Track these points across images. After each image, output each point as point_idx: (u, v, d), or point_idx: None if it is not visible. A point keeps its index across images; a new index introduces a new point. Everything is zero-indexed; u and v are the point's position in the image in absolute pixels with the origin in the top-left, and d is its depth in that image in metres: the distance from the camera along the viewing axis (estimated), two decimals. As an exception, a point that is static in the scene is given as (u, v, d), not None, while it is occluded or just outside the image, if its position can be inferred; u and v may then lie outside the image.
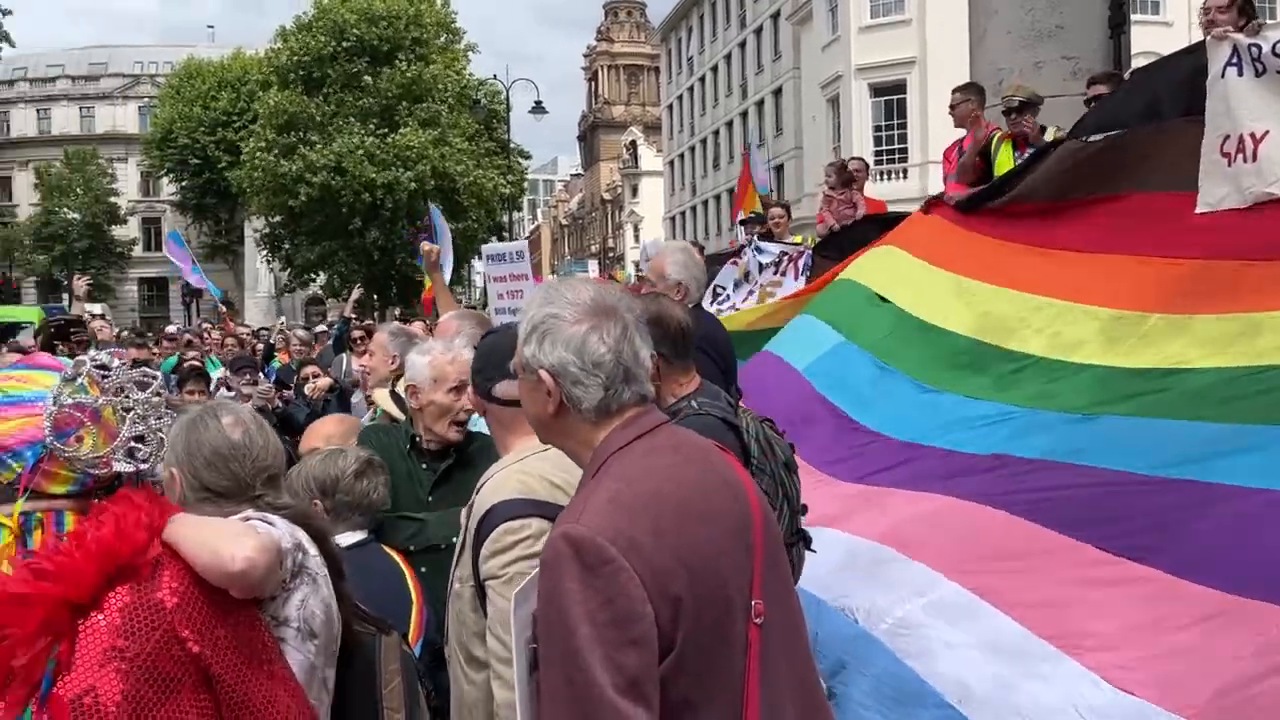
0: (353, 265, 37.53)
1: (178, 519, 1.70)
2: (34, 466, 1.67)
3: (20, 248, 53.67)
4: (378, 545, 2.93)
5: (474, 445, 3.32)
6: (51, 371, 1.76)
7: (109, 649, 1.53)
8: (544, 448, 2.30)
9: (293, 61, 36.98)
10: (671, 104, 61.62)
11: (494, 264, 6.67)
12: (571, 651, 1.50)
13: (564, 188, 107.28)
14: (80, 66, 63.96)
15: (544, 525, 2.12)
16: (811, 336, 4.97)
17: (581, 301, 1.73)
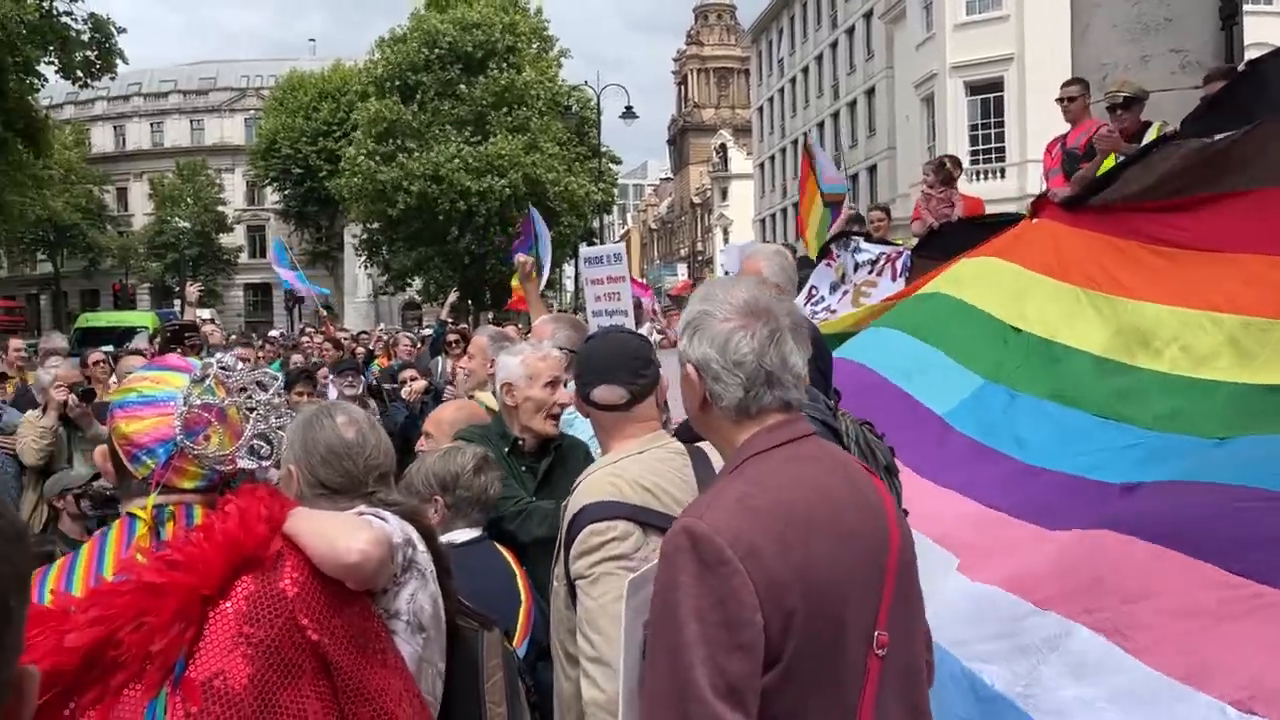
0: (447, 271, 38.28)
1: (297, 512, 1.77)
2: (165, 463, 1.75)
3: (135, 255, 56.18)
4: (491, 543, 2.97)
5: (568, 445, 3.39)
6: (181, 372, 1.83)
7: (236, 635, 1.60)
8: (640, 450, 2.35)
9: (389, 71, 37.92)
10: (762, 106, 61.31)
11: (591, 266, 6.69)
12: (677, 646, 1.50)
13: (653, 192, 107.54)
14: (191, 81, 66.66)
15: (630, 527, 2.16)
16: (921, 361, 4.75)
17: (734, 300, 1.73)
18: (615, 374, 2.43)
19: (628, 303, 6.22)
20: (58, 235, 52.08)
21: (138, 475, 1.76)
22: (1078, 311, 4.27)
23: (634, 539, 2.15)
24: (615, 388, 2.42)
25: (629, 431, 2.41)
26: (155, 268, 55.05)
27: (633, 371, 2.44)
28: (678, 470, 2.32)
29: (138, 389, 1.80)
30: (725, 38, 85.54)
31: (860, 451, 3.09)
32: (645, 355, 2.54)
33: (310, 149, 48.30)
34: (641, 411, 2.45)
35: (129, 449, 1.76)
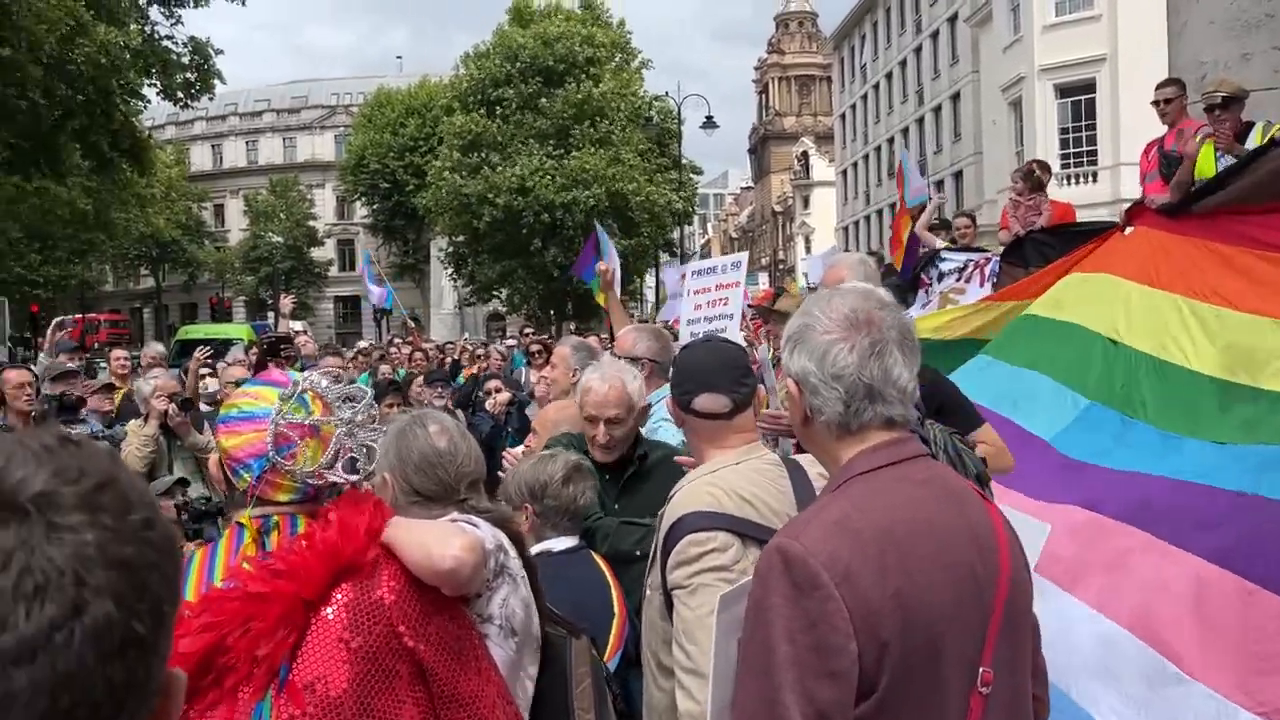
0: (531, 282, 38.72)
1: (393, 521, 1.82)
2: (259, 477, 1.82)
3: (232, 270, 58.14)
4: (588, 553, 2.97)
5: (655, 456, 3.38)
6: (279, 387, 1.91)
7: (336, 641, 1.66)
8: (738, 460, 2.34)
9: (472, 86, 38.60)
10: (844, 113, 60.74)
11: (699, 277, 6.67)
12: (767, 668, 1.47)
13: (734, 200, 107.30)
14: (284, 100, 68.81)
15: (729, 539, 2.13)
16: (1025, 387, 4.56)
17: (836, 312, 1.68)
18: (718, 382, 2.41)
19: (734, 308, 6.17)
20: (159, 251, 54.16)
21: (239, 487, 1.84)
22: (1180, 323, 4.05)
23: (733, 551, 2.12)
24: (718, 396, 2.39)
25: (727, 441, 2.39)
26: (250, 281, 56.89)
27: (734, 380, 2.43)
28: (775, 482, 2.29)
29: (239, 405, 1.88)
30: (806, 45, 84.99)
31: (949, 460, 3.04)
32: (745, 364, 2.53)
33: (397, 164, 49.40)
34: (741, 421, 2.43)
35: (230, 463, 1.85)
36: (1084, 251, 4.96)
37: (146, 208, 41.12)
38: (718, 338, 3.32)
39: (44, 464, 0.67)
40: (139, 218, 40.55)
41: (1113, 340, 4.26)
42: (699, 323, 6.32)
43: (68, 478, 0.67)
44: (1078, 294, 4.68)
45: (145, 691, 0.68)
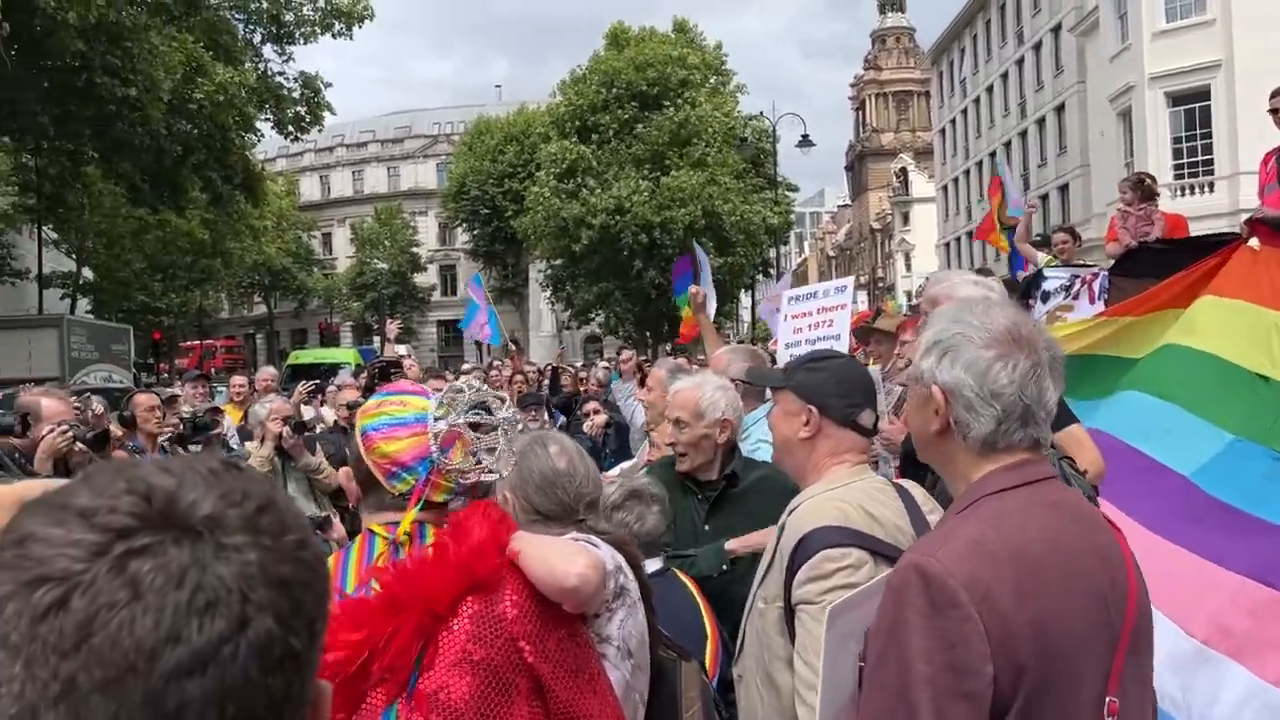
0: (628, 304, 38.98)
1: (519, 536, 1.85)
2: (426, 479, 1.89)
3: (339, 296, 60.04)
4: (674, 574, 2.97)
5: (749, 476, 3.36)
6: (419, 396, 1.98)
7: (461, 652, 1.70)
8: (859, 478, 2.33)
9: (569, 112, 39.17)
10: (944, 128, 59.71)
11: (800, 302, 6.63)
12: (902, 685, 1.46)
13: (830, 219, 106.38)
14: (388, 131, 70.98)
15: (863, 555, 2.12)
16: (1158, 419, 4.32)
17: (995, 327, 1.64)
18: (874, 399, 2.47)
19: (841, 328, 6.12)
20: (271, 279, 56.23)
21: (394, 491, 1.89)
22: None
23: (867, 569, 2.10)
24: (871, 413, 2.43)
25: (849, 458, 2.38)
26: (356, 307, 58.62)
27: (876, 398, 2.50)
28: (893, 501, 2.29)
29: (387, 412, 1.94)
30: (904, 61, 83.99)
31: None
32: None
33: (497, 190, 50.42)
34: (868, 441, 2.48)
35: (390, 467, 1.90)
36: (1208, 265, 4.66)
37: (259, 237, 42.93)
38: (845, 354, 3.29)
39: (212, 488, 0.71)
40: (252, 247, 42.34)
41: (1263, 376, 3.98)
42: (799, 345, 6.25)
43: (232, 500, 0.71)
44: (1216, 322, 4.38)
45: (299, 703, 0.72)
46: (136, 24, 19.01)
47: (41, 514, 0.69)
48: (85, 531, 0.67)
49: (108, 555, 0.66)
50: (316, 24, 24.78)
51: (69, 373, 20.32)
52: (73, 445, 4.66)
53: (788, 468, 2.53)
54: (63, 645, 0.64)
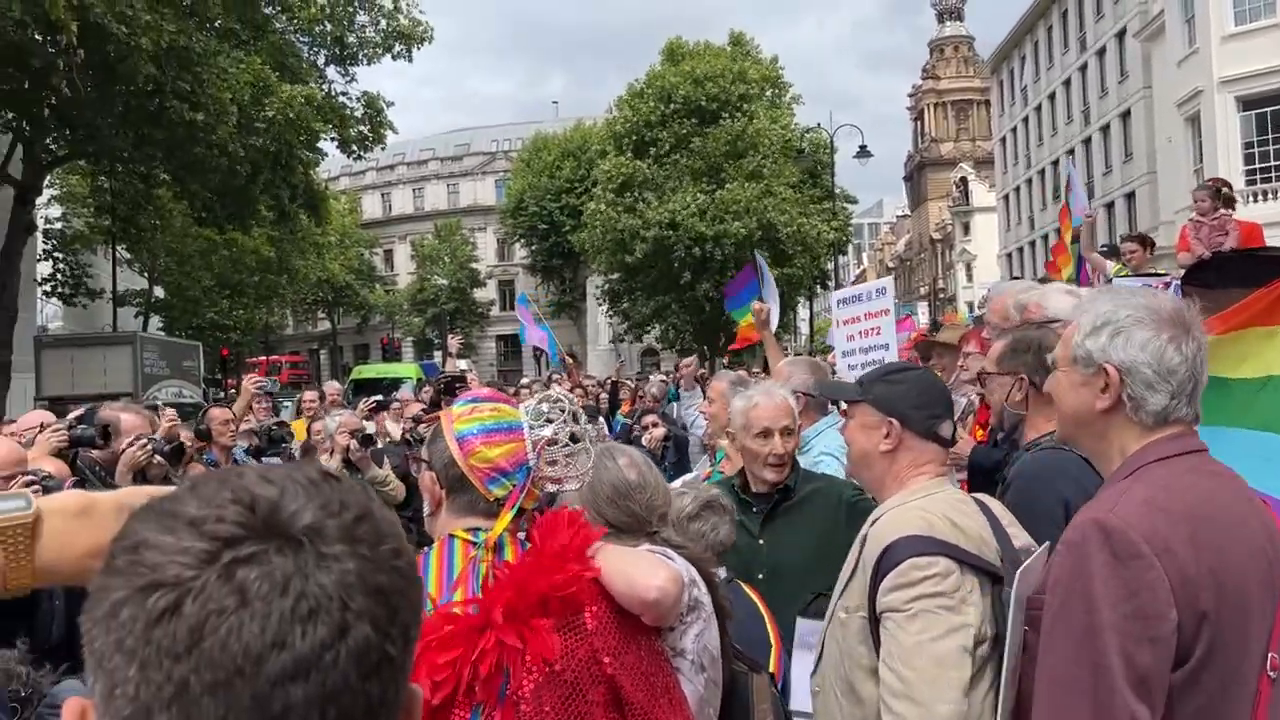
0: (684, 317, 38.98)
1: (599, 548, 1.87)
2: (523, 485, 1.90)
3: (400, 312, 60.92)
4: (739, 584, 2.97)
5: (809, 487, 3.36)
6: (506, 403, 2.01)
7: (542, 662, 1.72)
8: (941, 489, 2.33)
9: (626, 128, 39.35)
10: (1005, 137, 58.89)
11: (845, 306, 6.57)
12: (1090, 630, 1.55)
13: (890, 229, 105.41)
14: (447, 148, 72.01)
15: (951, 565, 2.11)
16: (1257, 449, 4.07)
17: (1162, 310, 1.77)
18: (950, 410, 2.48)
19: (888, 337, 6.05)
20: (334, 295, 57.25)
21: (490, 496, 1.90)
22: None
23: (954, 578, 2.10)
24: (950, 423, 2.44)
25: (930, 469, 2.38)
26: (417, 322, 59.42)
27: (954, 409, 2.52)
28: (975, 513, 2.28)
29: (480, 419, 1.95)
30: (963, 69, 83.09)
31: None
32: None
33: (554, 205, 50.82)
34: (947, 452, 2.49)
35: (490, 472, 1.90)
36: None
37: (323, 254, 43.78)
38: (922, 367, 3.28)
39: (312, 498, 0.73)
40: (316, 264, 43.20)
41: None
42: (854, 354, 6.20)
43: (331, 510, 0.73)
44: None
45: (394, 707, 0.74)
46: (206, 49, 19.56)
47: (152, 521, 0.72)
48: (194, 539, 0.69)
49: (216, 563, 0.68)
50: (379, 45, 25.25)
51: (142, 388, 20.91)
52: (151, 458, 4.81)
53: (866, 481, 2.54)
54: (175, 649, 0.66)
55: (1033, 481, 2.79)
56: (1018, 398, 3.06)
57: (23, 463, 4.11)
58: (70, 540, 0.93)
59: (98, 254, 31.18)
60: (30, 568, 0.90)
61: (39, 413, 5.60)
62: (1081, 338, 1.81)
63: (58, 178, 27.62)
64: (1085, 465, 2.83)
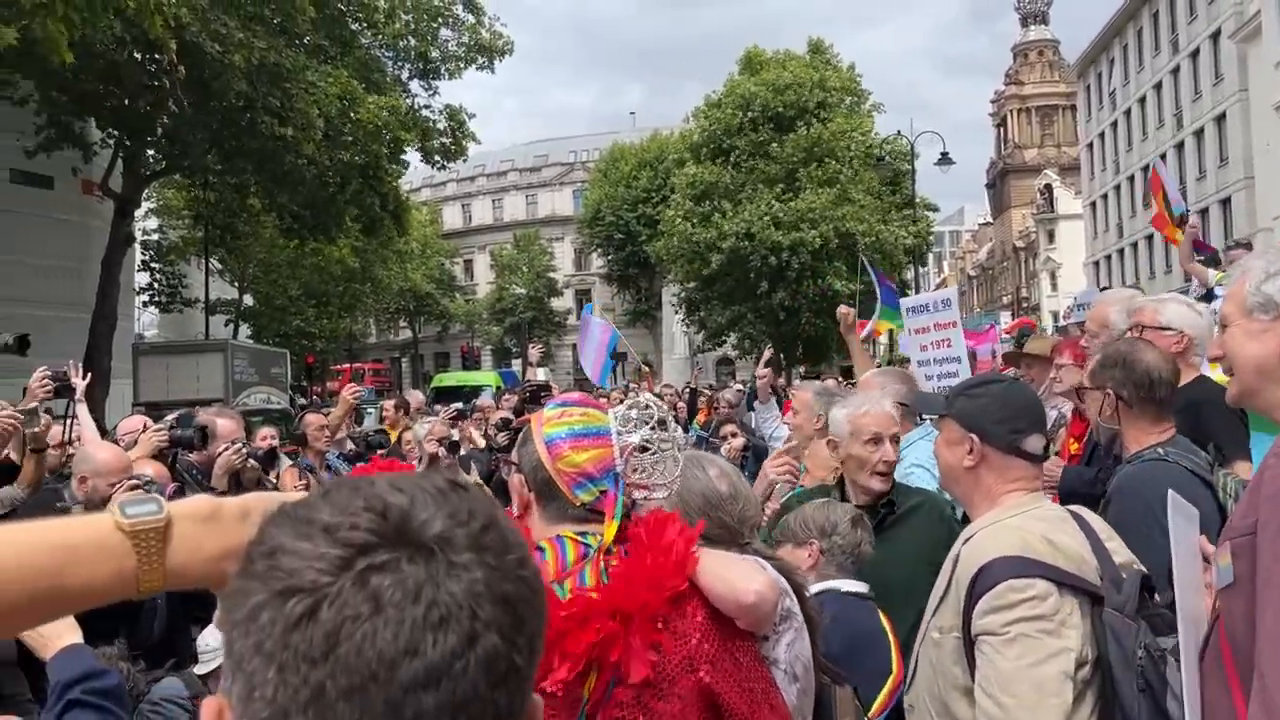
0: (760, 326, 38.80)
1: (700, 551, 1.85)
2: (614, 491, 1.88)
3: (479, 320, 61.80)
4: (874, 605, 2.91)
5: (910, 502, 3.30)
6: (596, 409, 1.99)
7: (648, 665, 1.72)
8: (1036, 505, 2.27)
9: (704, 137, 39.37)
10: (1091, 142, 57.39)
11: (914, 315, 6.48)
12: None
13: (971, 237, 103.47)
14: (526, 160, 72.90)
15: (1049, 588, 2.05)
16: None
17: None
18: (1043, 424, 2.40)
19: (959, 350, 5.95)
20: (416, 304, 58.32)
21: (577, 501, 1.88)
22: None
23: (1053, 600, 2.04)
24: (1040, 438, 2.36)
25: (1022, 485, 2.32)
26: (495, 331, 60.21)
27: (1045, 422, 2.44)
28: (1073, 530, 2.21)
29: (569, 423, 1.93)
30: (1048, 74, 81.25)
31: None
32: None
33: (631, 215, 51.09)
34: (1040, 467, 2.41)
35: (577, 476, 1.88)
36: None
37: (405, 264, 44.65)
38: (1013, 379, 3.20)
39: (441, 506, 0.75)
40: (399, 273, 44.08)
41: None
42: (929, 365, 6.11)
43: (460, 519, 0.74)
44: None
45: (518, 716, 0.74)
46: (296, 65, 20.14)
47: (288, 527, 0.74)
48: (329, 546, 0.71)
49: (351, 570, 0.69)
50: (461, 59, 25.71)
51: (232, 394, 21.55)
52: (245, 461, 4.95)
53: (956, 496, 2.48)
54: (312, 653, 0.67)
55: (1135, 496, 2.70)
56: (1107, 413, 2.98)
57: (128, 469, 4.28)
58: (199, 544, 0.96)
59: (191, 264, 32.30)
60: (161, 570, 0.93)
61: (138, 418, 5.81)
62: (1257, 285, 1.77)
63: (154, 191, 28.67)
64: (1190, 476, 2.75)
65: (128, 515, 0.93)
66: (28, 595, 0.88)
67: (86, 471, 4.23)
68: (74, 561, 0.90)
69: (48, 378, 4.54)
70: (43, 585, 0.88)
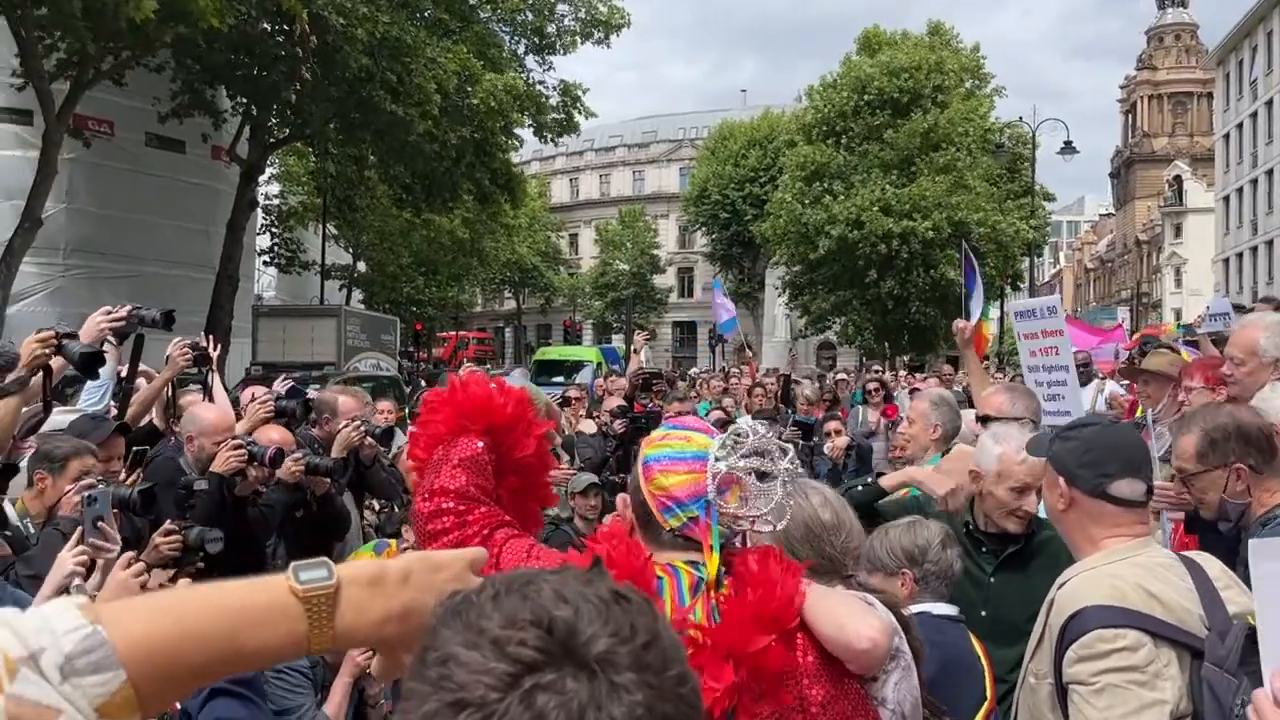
0: (866, 314, 38.14)
1: (809, 588, 1.83)
2: (698, 519, 1.84)
3: (582, 295, 62.33)
4: (965, 629, 2.87)
5: (1042, 534, 3.19)
6: (703, 433, 1.94)
7: (757, 704, 1.72)
8: (1138, 552, 2.19)
9: (817, 118, 38.73)
10: (1228, 133, 54.54)
11: (1024, 320, 6.25)
12: None
13: (1091, 229, 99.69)
14: (635, 135, 73.02)
15: (1140, 637, 1.99)
16: None
17: None
18: (1140, 466, 2.31)
19: (1067, 358, 5.72)
20: (521, 276, 59.08)
21: (669, 525, 1.86)
22: None
23: (1145, 651, 1.99)
24: (1138, 482, 2.27)
25: (1123, 531, 2.24)
26: (597, 306, 60.64)
27: (1149, 464, 2.35)
28: (1179, 579, 2.13)
29: (670, 445, 1.91)
30: (1184, 60, 77.43)
31: None
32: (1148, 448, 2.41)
33: (737, 194, 50.71)
34: (1145, 512, 2.31)
35: (665, 500, 1.86)
36: None
37: (513, 237, 45.24)
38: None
39: (606, 622, 0.77)
40: (506, 246, 44.69)
41: None
42: (1039, 371, 5.90)
43: (623, 637, 0.76)
44: None
45: None
46: (416, 40, 20.51)
47: (459, 634, 0.78)
48: (498, 660, 0.74)
49: (519, 688, 0.72)
50: (577, 34, 25.79)
51: (344, 359, 22.19)
52: (364, 439, 5.10)
53: (1062, 536, 2.42)
54: None
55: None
56: (1240, 488, 2.81)
57: (231, 428, 4.49)
58: (365, 608, 1.00)
59: (309, 229, 33.31)
60: (331, 634, 0.98)
61: (252, 389, 6.02)
62: None
63: (277, 158, 29.62)
64: None
65: (301, 581, 0.97)
66: (208, 658, 0.92)
67: (193, 431, 4.45)
68: (251, 624, 0.94)
69: (187, 347, 4.75)
70: (224, 648, 0.93)
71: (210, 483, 4.08)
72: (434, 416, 2.01)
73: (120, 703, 0.83)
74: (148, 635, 0.88)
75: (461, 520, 1.89)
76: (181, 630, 0.90)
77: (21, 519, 3.58)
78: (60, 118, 17.25)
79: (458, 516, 1.89)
